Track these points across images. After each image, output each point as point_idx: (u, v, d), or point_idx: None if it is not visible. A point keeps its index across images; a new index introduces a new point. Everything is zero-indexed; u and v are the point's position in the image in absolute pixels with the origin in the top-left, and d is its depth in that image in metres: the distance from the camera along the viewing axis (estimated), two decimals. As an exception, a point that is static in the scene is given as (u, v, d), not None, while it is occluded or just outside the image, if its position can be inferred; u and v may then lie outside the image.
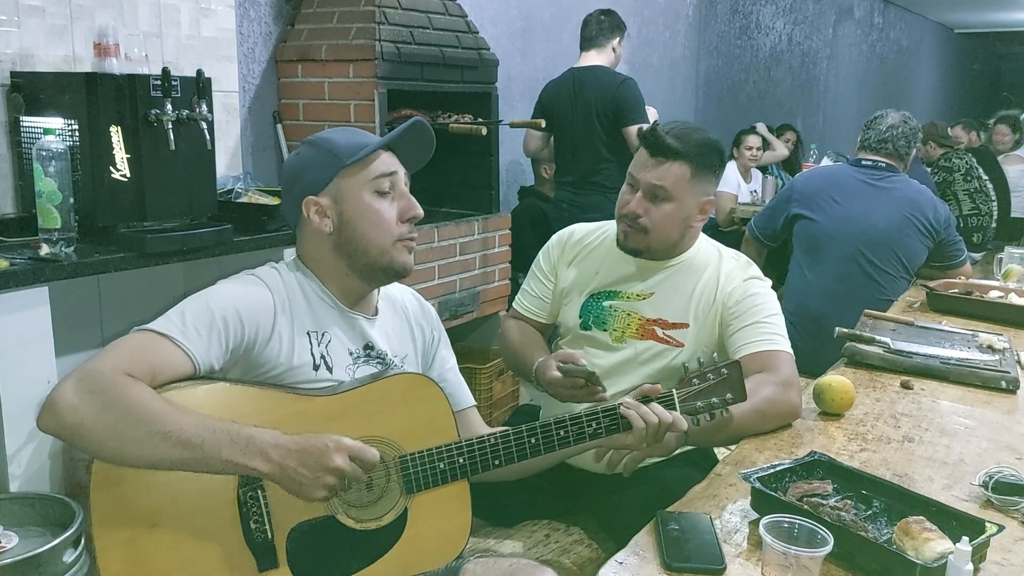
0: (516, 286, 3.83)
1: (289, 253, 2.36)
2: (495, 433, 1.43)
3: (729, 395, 1.49)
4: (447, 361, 1.68)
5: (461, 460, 1.41)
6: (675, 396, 1.47)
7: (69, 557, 1.83)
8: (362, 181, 1.44)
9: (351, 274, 1.47)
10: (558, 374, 1.73)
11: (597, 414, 1.45)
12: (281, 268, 1.49)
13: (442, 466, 1.40)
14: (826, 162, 5.67)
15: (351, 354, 1.48)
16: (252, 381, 1.40)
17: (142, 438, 1.21)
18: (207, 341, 1.33)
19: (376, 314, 1.55)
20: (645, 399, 1.46)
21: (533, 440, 1.43)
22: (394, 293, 1.62)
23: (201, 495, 1.29)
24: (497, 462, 1.42)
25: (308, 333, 1.44)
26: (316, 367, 1.43)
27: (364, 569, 1.38)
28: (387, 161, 1.47)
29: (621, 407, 1.44)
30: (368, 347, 1.51)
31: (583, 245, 2.02)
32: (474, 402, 1.69)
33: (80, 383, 1.24)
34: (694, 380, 1.48)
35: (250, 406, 1.34)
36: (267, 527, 1.32)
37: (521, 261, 3.90)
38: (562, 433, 1.44)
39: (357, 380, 1.45)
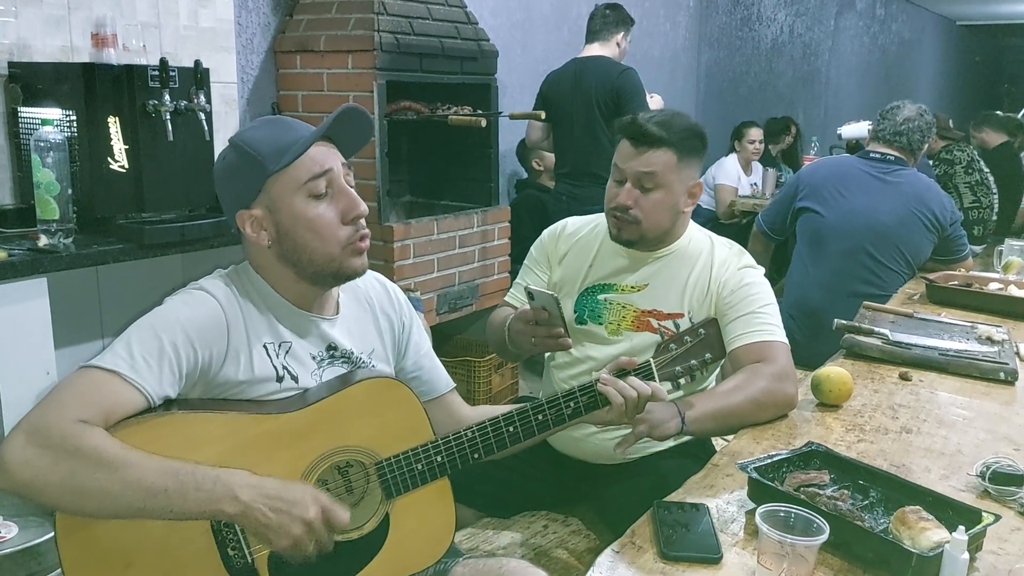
0: (515, 278, 3.83)
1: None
2: (471, 427, 1.39)
3: (708, 355, 1.48)
4: (421, 347, 1.59)
5: (439, 459, 1.37)
6: (652, 365, 1.46)
7: (68, 547, 1.83)
8: (293, 187, 1.32)
9: (301, 280, 1.38)
10: (526, 306, 1.75)
11: (574, 393, 1.42)
12: (231, 277, 1.39)
13: (420, 467, 1.36)
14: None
15: (314, 358, 1.41)
16: (213, 406, 1.32)
17: (101, 489, 1.15)
18: (158, 371, 1.24)
19: (337, 312, 1.46)
20: (622, 372, 1.45)
21: (511, 428, 1.40)
22: (357, 283, 1.51)
23: (174, 527, 1.23)
24: (476, 455, 1.39)
25: (265, 345, 1.36)
26: (280, 379, 1.36)
27: None
28: (319, 159, 1.33)
29: (598, 383, 1.42)
30: (331, 348, 1.43)
31: (576, 239, 2.01)
32: (453, 384, 1.64)
33: (30, 436, 1.16)
34: (671, 346, 1.48)
35: (213, 433, 1.27)
36: (246, 552, 1.28)
37: (520, 253, 3.90)
38: (540, 417, 1.41)
39: (324, 387, 1.39)
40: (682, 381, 1.49)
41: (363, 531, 1.36)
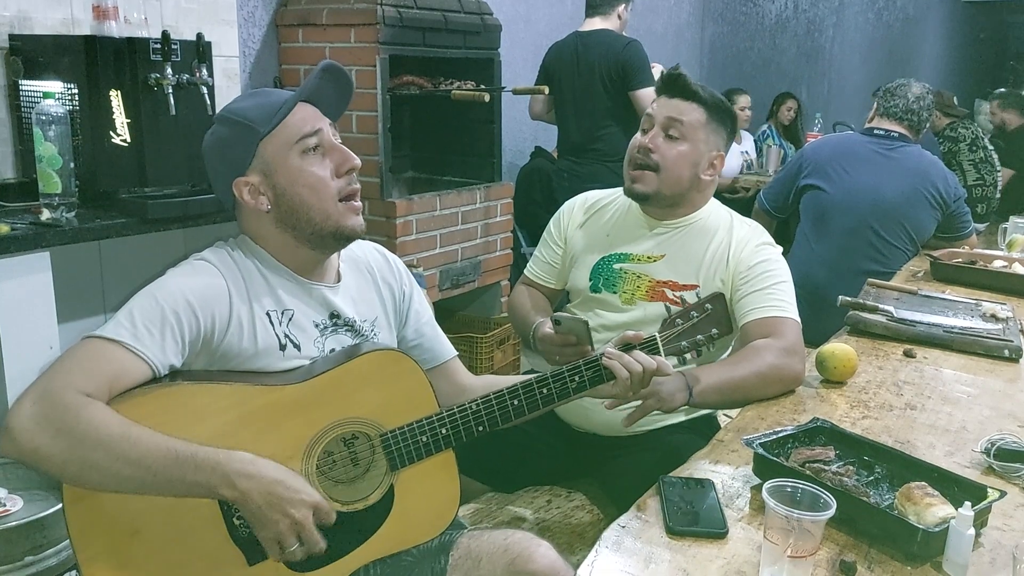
0: (518, 245, 3.86)
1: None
2: (476, 400, 1.40)
3: (715, 330, 1.47)
4: (421, 316, 1.60)
5: (444, 431, 1.38)
6: (658, 340, 1.46)
7: (74, 520, 1.84)
8: (287, 146, 1.34)
9: (301, 245, 1.39)
10: (550, 330, 1.77)
11: (579, 367, 1.42)
12: (231, 247, 1.40)
13: (425, 439, 1.37)
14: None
15: (317, 326, 1.41)
16: (218, 376, 1.32)
17: (101, 464, 1.16)
18: (161, 340, 1.25)
19: (339, 280, 1.47)
20: (627, 347, 1.44)
21: (516, 402, 1.40)
22: (357, 253, 1.54)
23: (180, 497, 1.24)
24: (481, 428, 1.40)
25: (268, 313, 1.36)
26: (283, 347, 1.36)
27: (355, 550, 1.36)
28: (307, 117, 1.36)
29: (603, 358, 1.42)
30: (334, 316, 1.43)
31: (596, 209, 2.02)
32: (455, 352, 1.64)
33: (34, 406, 1.17)
34: (677, 320, 1.47)
35: (218, 404, 1.27)
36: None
37: (524, 218, 3.93)
38: (545, 391, 1.42)
39: (329, 360, 1.39)
40: (688, 356, 1.49)
41: (368, 502, 1.37)
